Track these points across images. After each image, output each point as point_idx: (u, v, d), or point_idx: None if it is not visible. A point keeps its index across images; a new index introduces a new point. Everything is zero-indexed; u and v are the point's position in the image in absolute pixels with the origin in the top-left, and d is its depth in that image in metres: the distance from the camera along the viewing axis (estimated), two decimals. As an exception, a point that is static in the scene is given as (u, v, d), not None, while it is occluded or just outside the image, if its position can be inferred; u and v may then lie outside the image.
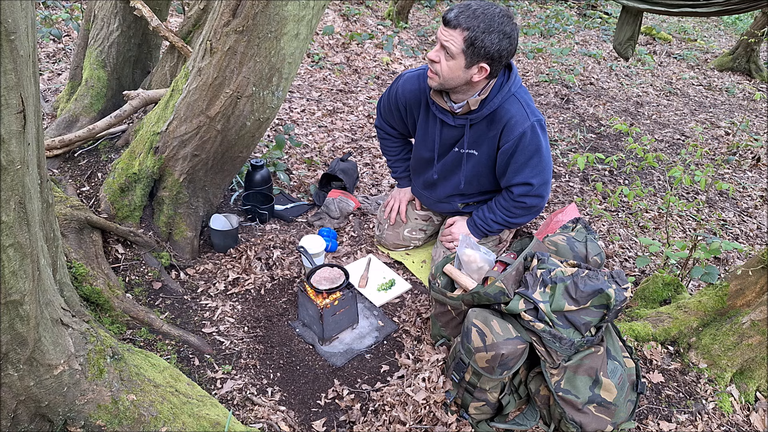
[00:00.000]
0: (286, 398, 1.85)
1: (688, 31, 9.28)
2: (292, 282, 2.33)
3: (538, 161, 2.08)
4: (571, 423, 1.64)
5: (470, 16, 1.83)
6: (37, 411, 1.34)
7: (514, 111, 2.02)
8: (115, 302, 1.92)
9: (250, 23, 1.84)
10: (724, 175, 4.16)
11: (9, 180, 1.06)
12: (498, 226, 2.30)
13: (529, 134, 2.03)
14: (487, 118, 2.07)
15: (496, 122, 2.06)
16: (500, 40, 1.85)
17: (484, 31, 1.83)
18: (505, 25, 1.85)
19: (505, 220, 2.26)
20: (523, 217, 2.24)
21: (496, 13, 1.85)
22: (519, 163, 2.09)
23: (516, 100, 2.03)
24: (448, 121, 2.14)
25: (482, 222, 2.32)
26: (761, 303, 1.88)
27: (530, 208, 2.20)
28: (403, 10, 6.63)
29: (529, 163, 2.08)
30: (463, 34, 1.84)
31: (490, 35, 1.83)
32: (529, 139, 2.03)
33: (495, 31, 1.83)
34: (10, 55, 0.97)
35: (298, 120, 3.90)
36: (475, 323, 1.66)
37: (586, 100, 5.33)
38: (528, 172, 2.10)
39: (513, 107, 2.03)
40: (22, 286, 1.16)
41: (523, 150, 2.05)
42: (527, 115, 2.03)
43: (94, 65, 2.83)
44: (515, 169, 2.11)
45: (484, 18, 1.83)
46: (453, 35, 1.86)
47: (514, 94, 2.04)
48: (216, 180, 2.31)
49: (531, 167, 2.09)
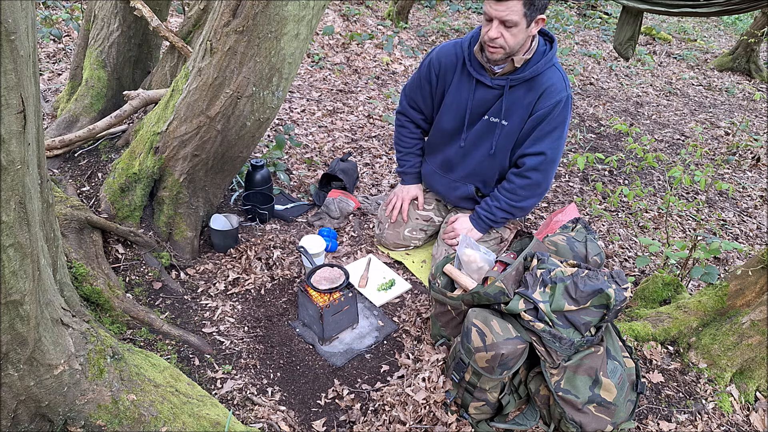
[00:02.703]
0: (286, 398, 1.85)
1: (688, 31, 9.29)
2: (292, 282, 2.33)
3: (560, 134, 2.14)
4: (571, 423, 1.64)
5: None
6: (38, 411, 1.34)
7: (555, 79, 2.09)
8: (116, 302, 1.92)
9: (250, 23, 1.84)
10: (724, 175, 4.17)
11: (9, 180, 1.06)
12: (503, 213, 2.30)
13: (563, 104, 2.10)
14: (527, 83, 2.10)
15: (535, 88, 2.10)
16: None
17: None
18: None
19: (509, 205, 2.27)
20: (527, 200, 2.25)
21: None
22: (544, 131, 2.13)
23: (557, 71, 2.11)
24: (485, 81, 2.14)
25: (486, 212, 2.32)
26: (761, 303, 1.88)
27: (534, 186, 2.21)
28: (403, 10, 6.63)
29: (553, 133, 2.13)
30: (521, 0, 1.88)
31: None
32: (560, 110, 2.10)
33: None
34: (10, 55, 0.98)
35: (298, 120, 3.90)
36: (475, 323, 1.66)
37: (586, 100, 5.33)
38: (548, 143, 2.14)
39: (555, 75, 2.09)
40: (22, 286, 1.16)
41: (552, 120, 2.11)
42: (566, 86, 2.10)
43: (94, 65, 2.83)
44: (537, 137, 2.15)
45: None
46: (509, 5, 1.89)
47: (554, 64, 2.10)
48: (216, 180, 2.31)
49: (552, 139, 2.14)
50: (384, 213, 2.61)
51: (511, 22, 1.91)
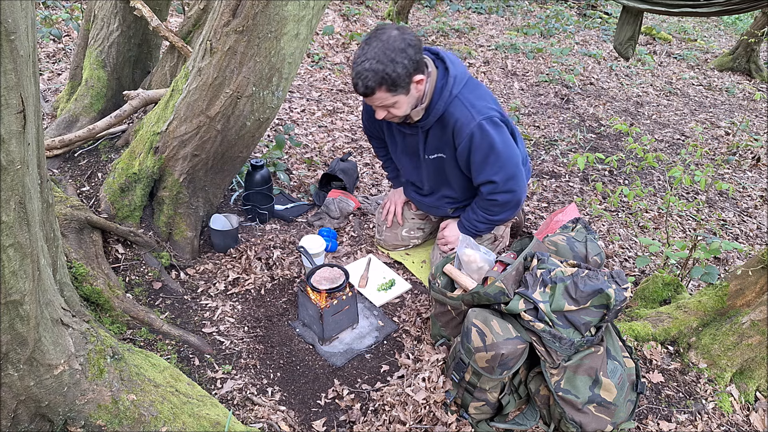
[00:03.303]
0: (286, 398, 1.85)
1: (688, 31, 9.28)
2: (292, 282, 2.33)
3: (495, 159, 2.04)
4: (570, 423, 1.64)
5: (372, 74, 1.80)
6: (38, 411, 1.34)
7: (458, 114, 2.00)
8: (115, 302, 1.92)
9: (250, 23, 1.84)
10: (724, 175, 4.16)
11: (9, 180, 1.06)
12: (484, 225, 2.29)
13: (478, 134, 1.99)
14: (437, 123, 2.06)
15: (445, 125, 2.05)
16: (402, 57, 1.81)
17: (393, 70, 1.80)
18: (393, 43, 1.80)
19: (487, 219, 2.25)
20: (502, 213, 2.22)
21: (380, 46, 1.80)
22: (477, 162, 2.07)
23: (459, 102, 1.99)
24: (405, 131, 2.17)
25: (468, 223, 2.32)
26: (761, 303, 1.88)
27: (504, 204, 2.17)
28: (403, 10, 6.63)
29: (487, 161, 2.05)
30: (382, 89, 1.84)
31: (395, 65, 1.80)
32: (479, 138, 2.00)
33: (395, 59, 1.80)
34: (10, 55, 0.98)
35: (298, 120, 3.90)
36: (475, 323, 1.66)
37: (586, 100, 5.33)
38: (489, 171, 2.08)
39: (456, 110, 2.00)
40: (22, 286, 1.16)
41: (477, 150, 2.03)
42: (472, 115, 1.98)
43: (94, 65, 2.83)
44: (477, 169, 2.10)
45: (380, 62, 1.79)
46: (377, 98, 1.87)
47: (456, 96, 1.99)
48: (216, 180, 2.31)
49: (490, 165, 2.06)
50: (381, 217, 2.62)
51: (389, 104, 1.90)
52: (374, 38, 1.83)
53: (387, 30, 1.84)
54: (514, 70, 5.91)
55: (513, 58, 6.22)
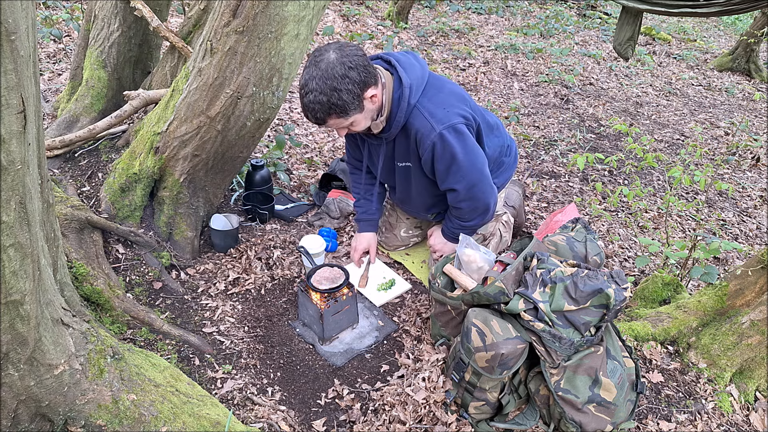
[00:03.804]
0: (286, 398, 1.85)
1: (687, 31, 9.29)
2: (292, 282, 2.33)
3: (457, 168, 2.01)
4: (570, 423, 1.64)
5: (318, 106, 1.75)
6: (38, 411, 1.34)
7: (419, 125, 1.96)
8: (116, 302, 1.92)
9: (250, 23, 1.84)
10: (724, 175, 4.17)
11: (9, 180, 1.06)
12: (460, 231, 2.23)
13: (439, 144, 1.95)
14: (401, 133, 2.04)
15: (408, 135, 2.02)
16: (345, 83, 1.74)
17: (338, 98, 1.74)
18: (332, 71, 1.72)
19: (460, 225, 2.23)
20: (473, 220, 2.20)
21: (320, 75, 1.73)
22: (441, 171, 2.05)
23: (418, 113, 1.95)
24: (372, 141, 2.16)
25: (447, 230, 2.32)
26: (761, 303, 1.88)
27: (471, 211, 2.15)
28: (403, 11, 6.64)
29: (449, 170, 2.03)
30: (332, 117, 1.81)
31: (339, 93, 1.74)
32: (440, 148, 1.96)
33: (337, 87, 1.73)
34: (10, 55, 0.98)
35: (298, 120, 3.90)
36: (475, 323, 1.66)
37: (586, 100, 5.33)
38: (451, 179, 2.05)
39: (417, 121, 1.95)
40: (22, 286, 1.16)
41: (440, 159, 2.00)
42: (432, 126, 1.93)
43: (94, 65, 2.83)
44: (440, 177, 2.08)
45: (323, 93, 1.73)
46: (332, 124, 1.85)
47: (415, 106, 1.95)
48: (216, 180, 2.31)
49: (452, 174, 2.04)
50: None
51: (344, 126, 1.88)
52: (313, 66, 1.74)
53: (324, 55, 1.75)
54: (513, 70, 5.92)
55: (513, 59, 6.22)
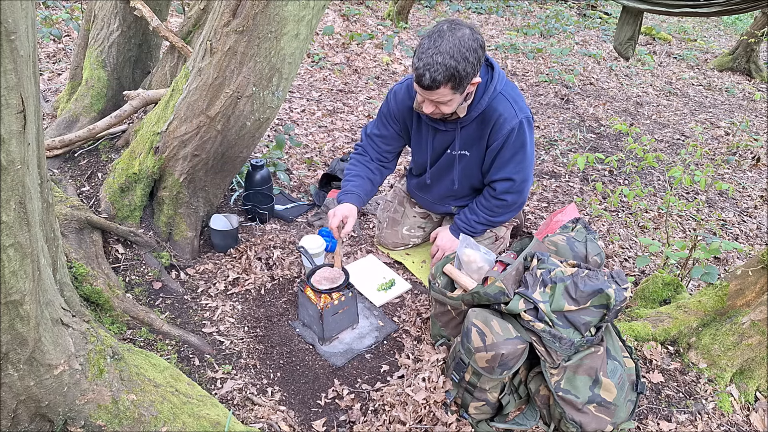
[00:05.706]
0: (286, 398, 1.85)
1: (688, 31, 9.29)
2: (292, 282, 2.33)
3: (522, 157, 2.09)
4: (571, 423, 1.64)
5: (443, 69, 1.76)
6: (38, 411, 1.34)
7: (502, 109, 2.02)
8: (116, 302, 1.92)
9: (250, 23, 1.84)
10: (724, 175, 4.17)
11: (9, 180, 1.06)
12: (481, 226, 2.30)
13: (517, 131, 2.03)
14: (476, 120, 2.07)
15: (486, 122, 2.06)
16: (473, 57, 1.80)
17: (463, 68, 1.78)
18: (467, 42, 1.77)
19: (487, 220, 2.26)
20: (503, 215, 2.25)
21: (455, 41, 1.76)
22: (504, 159, 2.09)
23: (503, 98, 2.02)
24: (440, 128, 2.15)
25: (465, 224, 2.31)
26: (761, 303, 1.88)
27: (510, 205, 2.21)
28: (403, 10, 6.64)
29: (514, 158, 2.09)
30: (447, 86, 1.81)
31: (466, 64, 1.78)
32: (516, 135, 2.04)
33: (467, 58, 1.78)
34: (10, 55, 0.98)
35: (298, 120, 3.90)
36: (475, 323, 1.66)
37: (586, 100, 5.33)
38: (511, 168, 2.11)
39: (501, 105, 2.02)
40: (22, 286, 1.16)
41: (510, 146, 2.06)
42: (515, 112, 2.02)
43: (94, 65, 2.83)
44: (500, 165, 2.12)
45: (453, 58, 1.75)
46: (438, 93, 1.83)
47: (500, 92, 2.02)
48: (216, 180, 2.31)
49: (515, 163, 2.10)
50: (383, 214, 2.61)
51: (444, 101, 1.88)
52: (449, 32, 1.78)
53: (462, 27, 1.80)
54: (514, 70, 5.91)
55: (513, 58, 6.22)
